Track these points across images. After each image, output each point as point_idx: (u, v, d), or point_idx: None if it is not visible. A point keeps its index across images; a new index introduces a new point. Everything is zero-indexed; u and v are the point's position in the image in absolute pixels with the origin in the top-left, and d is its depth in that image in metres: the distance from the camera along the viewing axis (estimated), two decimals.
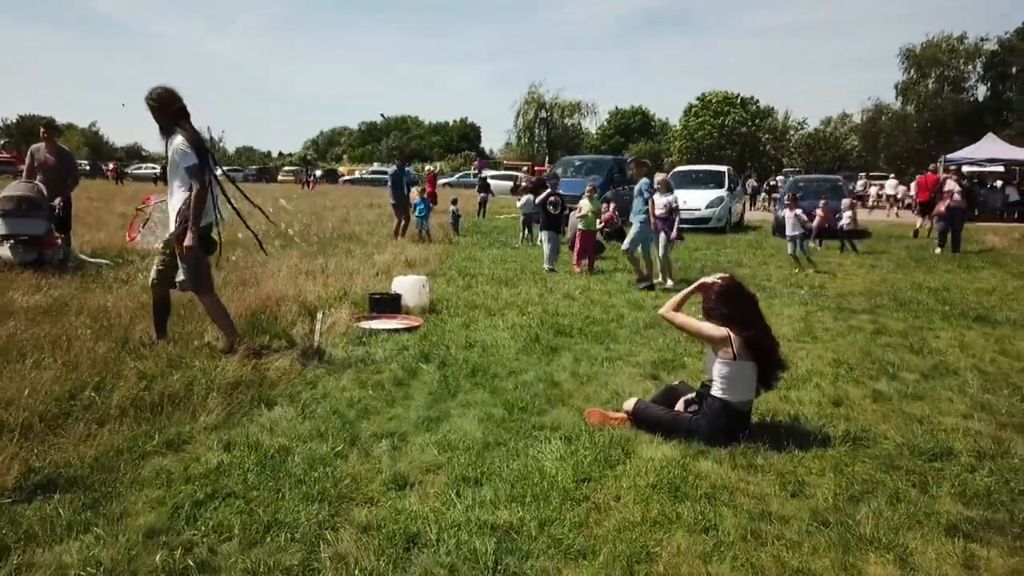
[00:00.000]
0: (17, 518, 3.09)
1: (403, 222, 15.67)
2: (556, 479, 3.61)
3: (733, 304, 4.35)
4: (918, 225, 19.36)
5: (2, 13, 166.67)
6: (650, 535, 3.11)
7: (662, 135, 79.19)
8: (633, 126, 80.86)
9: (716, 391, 4.22)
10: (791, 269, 12.00)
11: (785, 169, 51.90)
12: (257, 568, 2.79)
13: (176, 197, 5.51)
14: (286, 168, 73.41)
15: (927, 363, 5.99)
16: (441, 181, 44.00)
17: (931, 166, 24.93)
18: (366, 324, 7.06)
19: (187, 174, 5.40)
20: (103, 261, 10.24)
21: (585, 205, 12.13)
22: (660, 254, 10.46)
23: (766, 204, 35.32)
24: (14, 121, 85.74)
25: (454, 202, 18.78)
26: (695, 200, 19.47)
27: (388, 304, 7.70)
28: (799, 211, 12.59)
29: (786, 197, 14.11)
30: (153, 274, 5.72)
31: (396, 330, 6.89)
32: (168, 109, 5.47)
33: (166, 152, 5.54)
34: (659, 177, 11.10)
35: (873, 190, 37.88)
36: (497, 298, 8.66)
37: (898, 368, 5.81)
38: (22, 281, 7.88)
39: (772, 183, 37.40)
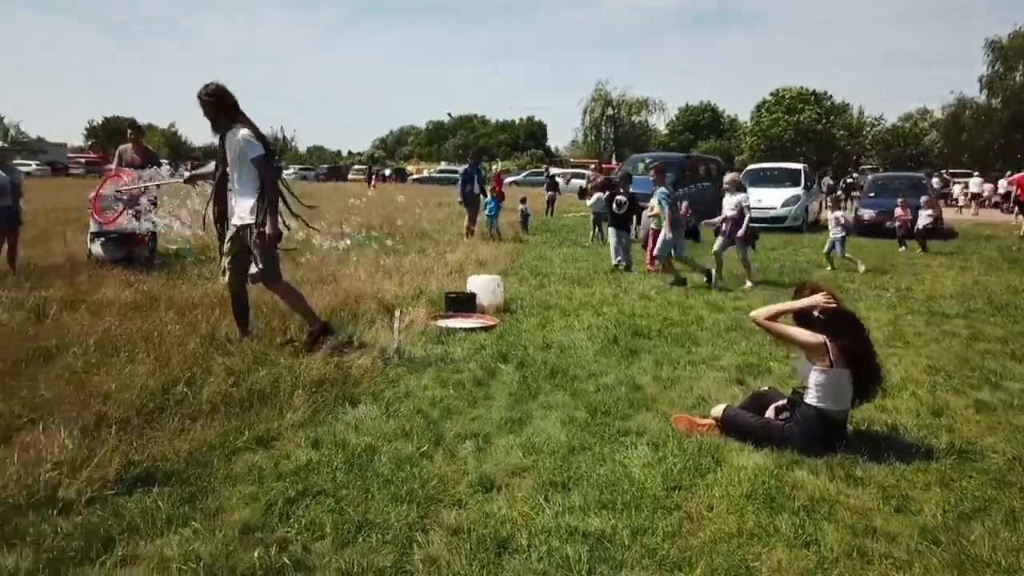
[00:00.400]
0: (120, 510, 3.17)
1: (473, 220, 15.75)
2: (646, 486, 3.53)
3: (830, 311, 4.18)
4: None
5: (88, 23, 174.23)
6: (748, 548, 3.00)
7: (732, 132, 77.72)
8: (702, 123, 79.59)
9: (811, 399, 4.07)
10: (825, 268, 12.07)
11: (862, 166, 50.26)
12: (351, 568, 2.80)
13: (244, 190, 5.59)
14: (356, 167, 74.72)
15: None
16: (507, 179, 44.12)
17: None
18: (443, 323, 7.08)
19: (255, 165, 5.50)
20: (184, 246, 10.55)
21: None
22: (739, 256, 10.24)
23: (843, 202, 34.17)
24: (100, 123, 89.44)
25: (523, 201, 18.76)
26: (770, 198, 19.02)
27: (463, 303, 7.71)
28: (839, 214, 12.51)
29: (829, 199, 13.79)
30: (226, 274, 5.77)
31: (472, 329, 6.89)
32: (225, 105, 5.59)
33: (221, 148, 5.66)
34: (729, 177, 10.90)
35: (957, 188, 36.33)
36: (571, 298, 8.59)
37: (1001, 377, 5.51)
38: (113, 277, 8.19)
39: (848, 181, 36.23)
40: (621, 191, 12.16)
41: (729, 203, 10.29)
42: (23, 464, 3.37)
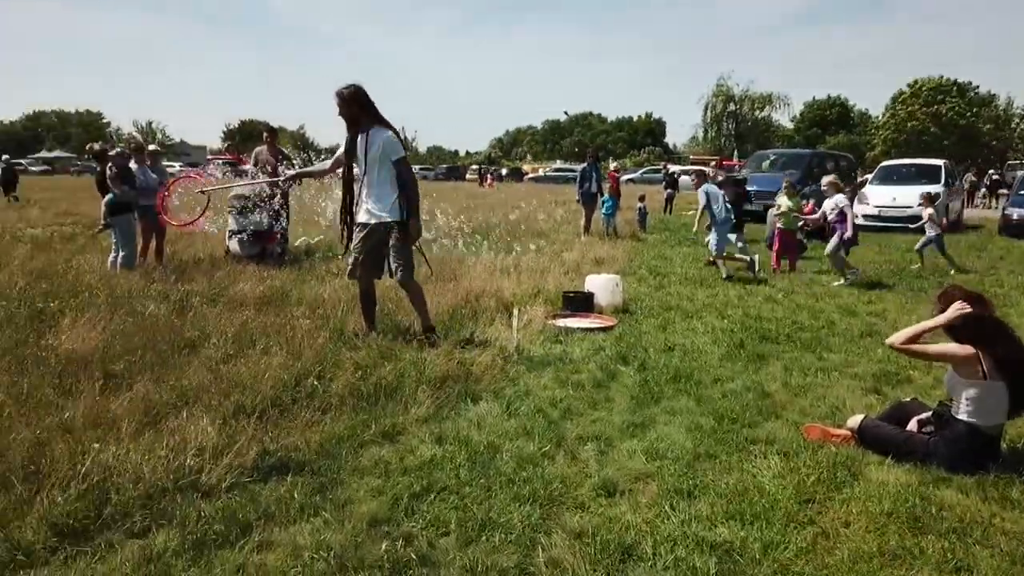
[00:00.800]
0: (256, 497, 3.31)
1: (589, 219, 15.67)
2: (776, 498, 3.37)
3: (980, 319, 3.87)
4: None
5: (218, 29, 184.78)
6: (890, 571, 2.82)
7: (862, 127, 73.94)
8: (830, 118, 76.18)
9: (962, 413, 3.77)
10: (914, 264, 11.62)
11: (1009, 162, 46.62)
12: (475, 567, 2.81)
13: (382, 189, 5.75)
14: (473, 167, 75.93)
15: None
16: (624, 177, 43.63)
17: None
18: (561, 322, 7.05)
19: (398, 166, 5.71)
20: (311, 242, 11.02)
21: (784, 202, 11.42)
22: (828, 251, 10.13)
23: (986, 201, 31.93)
24: (236, 125, 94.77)
25: (641, 199, 18.49)
26: (906, 197, 17.91)
27: (581, 302, 7.66)
28: (932, 211, 11.95)
29: (920, 196, 12.94)
30: (355, 269, 5.92)
31: (591, 329, 6.83)
32: (368, 105, 5.75)
33: (353, 146, 5.79)
34: (827, 179, 10.81)
35: None
36: (693, 299, 8.38)
37: None
38: (248, 273, 8.61)
39: (995, 178, 33.73)
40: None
41: (827, 205, 10.31)
42: (170, 449, 3.57)
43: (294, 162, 10.57)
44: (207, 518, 3.07)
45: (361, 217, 5.84)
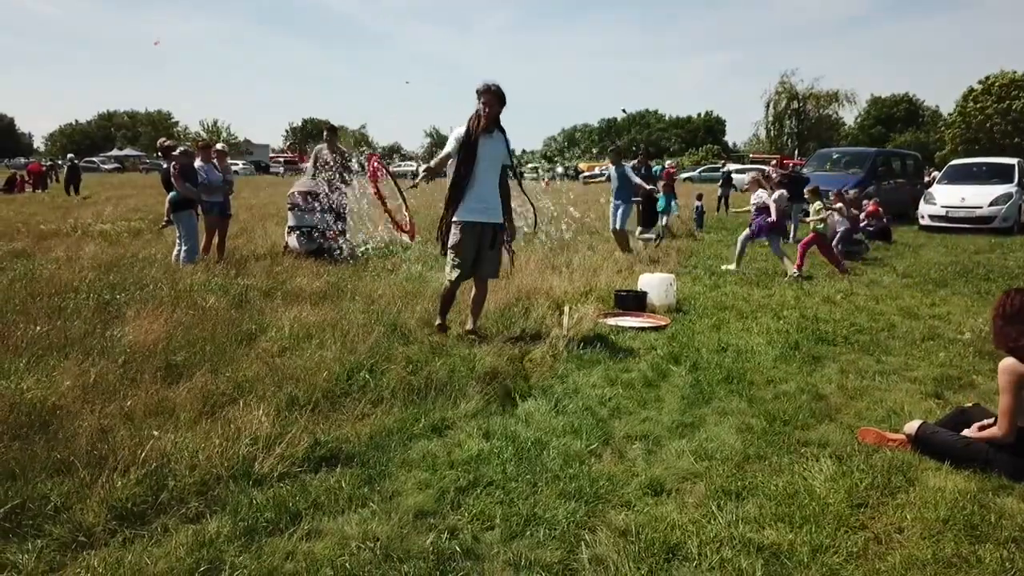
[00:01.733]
0: (306, 486, 3.38)
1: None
2: (827, 502, 3.30)
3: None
4: None
5: (284, 28, 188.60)
6: None
7: (931, 125, 71.64)
8: (897, 115, 74.02)
9: (1022, 419, 3.64)
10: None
11: None
12: (519, 561, 2.82)
13: (498, 191, 5.99)
14: (530, 166, 75.99)
15: None
16: (682, 176, 43.09)
17: None
18: (612, 321, 7.02)
19: (505, 171, 6.03)
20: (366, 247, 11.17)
21: (813, 208, 11.19)
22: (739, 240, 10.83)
23: None
24: (299, 125, 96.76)
25: (699, 197, 18.26)
26: (976, 197, 17.32)
27: (633, 301, 7.61)
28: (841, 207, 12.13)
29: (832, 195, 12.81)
30: (468, 268, 5.94)
31: (643, 328, 6.78)
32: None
33: (475, 147, 5.76)
34: (751, 176, 11.49)
35: None
36: (748, 300, 8.24)
37: None
38: (305, 269, 8.80)
39: None
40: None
41: (752, 200, 10.84)
42: (225, 437, 3.67)
43: (354, 157, 10.74)
44: (258, 506, 3.16)
45: (473, 216, 5.84)
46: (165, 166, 9.58)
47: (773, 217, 10.33)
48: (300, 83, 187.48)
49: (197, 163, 9.61)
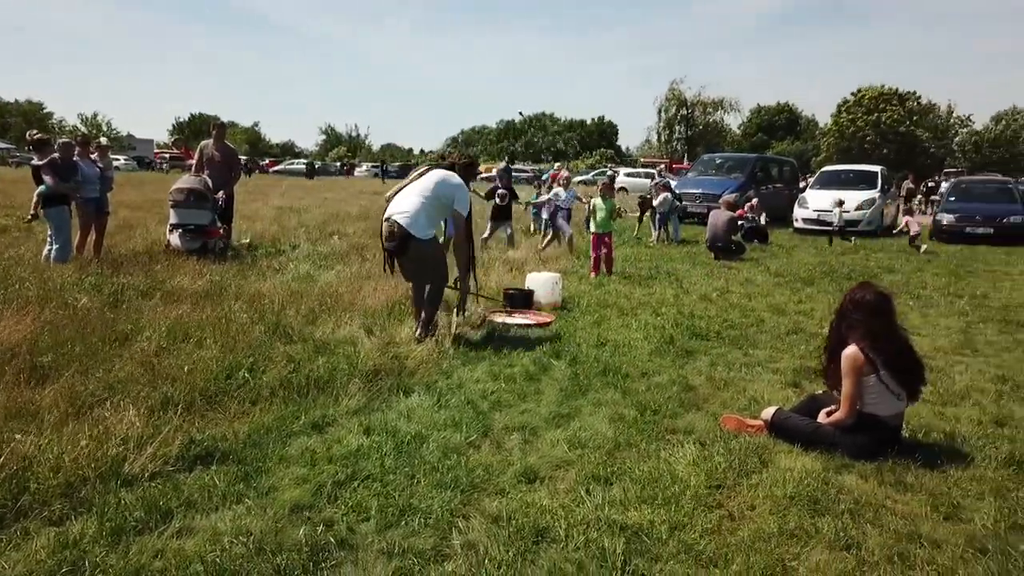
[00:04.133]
0: (179, 485, 3.35)
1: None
2: (688, 484, 3.52)
3: (870, 317, 4.07)
4: None
5: (174, 16, 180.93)
6: (787, 548, 2.98)
7: (809, 133, 75.75)
8: (778, 124, 77.85)
9: (861, 404, 3.99)
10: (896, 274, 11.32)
11: (946, 170, 48.26)
12: (392, 549, 2.90)
13: None
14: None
15: None
16: (576, 179, 43.91)
17: None
18: (500, 318, 7.16)
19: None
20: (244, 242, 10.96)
21: (597, 204, 10.60)
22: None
23: (923, 207, 33.04)
24: (186, 119, 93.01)
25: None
26: (845, 202, 18.44)
27: (521, 300, 7.78)
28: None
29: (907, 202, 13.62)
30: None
31: (528, 325, 6.95)
32: None
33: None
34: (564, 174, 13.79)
35: None
36: (630, 297, 8.56)
37: None
38: (188, 267, 8.54)
39: (930, 184, 34.91)
40: (501, 186, 12.56)
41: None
42: (93, 439, 3.57)
43: (241, 158, 10.51)
44: (127, 506, 3.11)
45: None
46: (35, 161, 9.10)
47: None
48: (191, 77, 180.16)
49: (75, 157, 9.18)
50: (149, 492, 3.25)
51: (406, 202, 6.01)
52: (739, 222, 13.96)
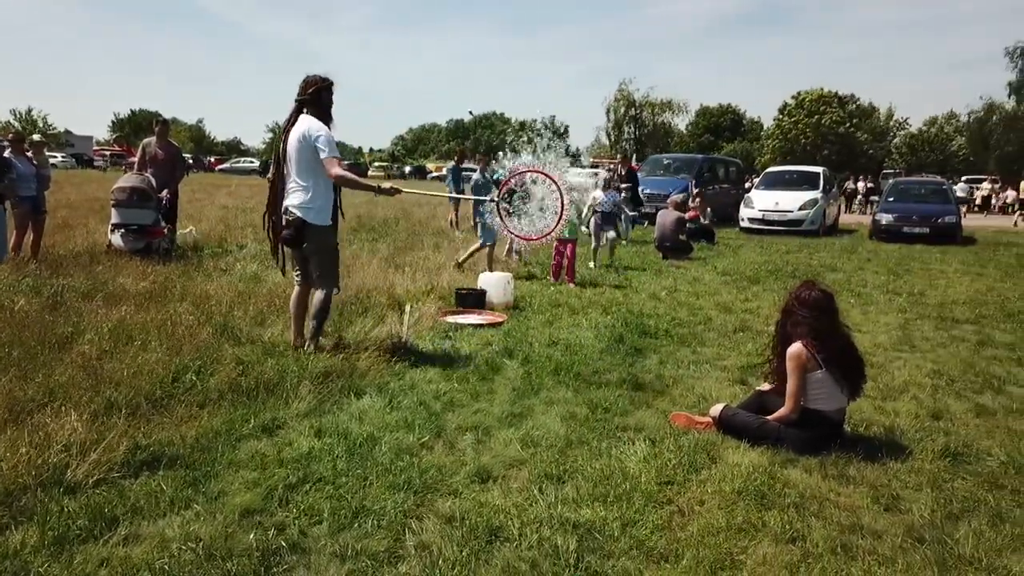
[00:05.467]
0: (125, 491, 3.27)
1: (456, 214, 16.78)
2: (639, 481, 3.58)
3: (815, 315, 4.19)
4: None
5: (117, 11, 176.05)
6: (735, 542, 3.05)
7: (754, 134, 77.29)
8: (724, 125, 79.23)
9: (805, 400, 4.11)
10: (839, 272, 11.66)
11: (884, 171, 49.76)
12: (345, 552, 2.88)
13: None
14: (376, 164, 75.20)
15: None
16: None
17: None
18: (452, 319, 7.16)
19: None
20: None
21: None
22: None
23: (863, 207, 34.05)
24: (126, 116, 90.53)
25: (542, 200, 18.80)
26: (787, 202, 18.94)
27: (473, 300, 7.80)
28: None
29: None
30: None
31: (481, 325, 6.97)
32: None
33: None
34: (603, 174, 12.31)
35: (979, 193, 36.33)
36: (580, 297, 8.64)
37: (1004, 382, 5.51)
38: (131, 268, 8.34)
39: (869, 185, 35.99)
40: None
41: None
42: (33, 445, 3.47)
43: (185, 156, 10.29)
44: (71, 513, 3.02)
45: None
46: None
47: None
48: (132, 72, 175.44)
49: (7, 154, 8.88)
50: (93, 499, 3.17)
51: (290, 184, 5.35)
52: (688, 224, 14.14)
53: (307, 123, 5.22)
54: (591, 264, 11.46)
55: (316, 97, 5.31)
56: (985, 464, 3.93)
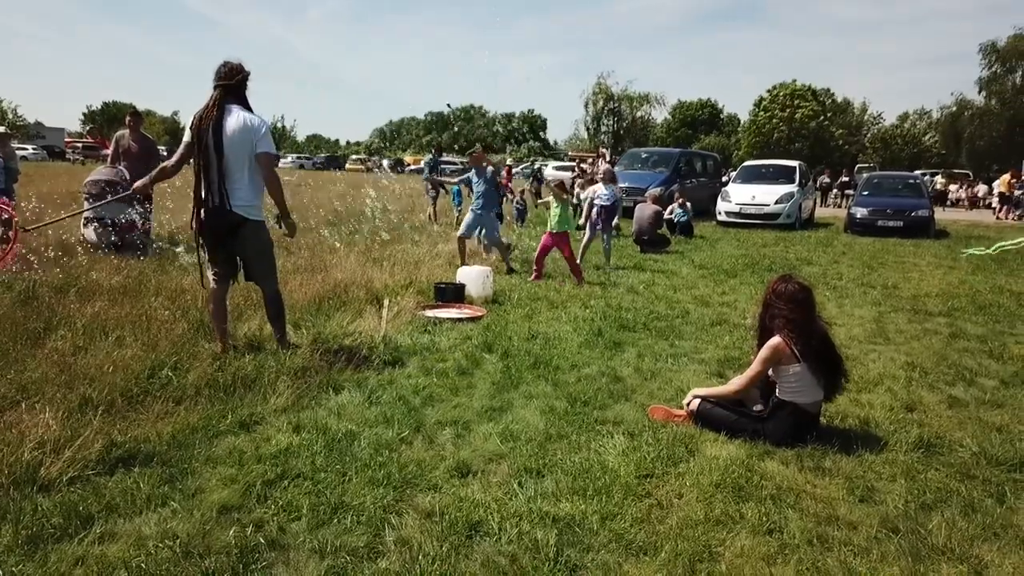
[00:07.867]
0: (100, 489, 3.24)
1: (434, 207, 17.10)
2: (618, 474, 3.60)
3: (791, 307, 4.23)
4: None
5: (88, 4, 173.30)
6: (713, 534, 3.08)
7: (730, 128, 77.72)
8: (701, 119, 79.60)
9: (782, 393, 4.15)
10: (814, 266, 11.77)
11: (859, 165, 50.25)
12: (324, 548, 2.87)
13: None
14: (354, 156, 74.80)
15: (1008, 370, 5.75)
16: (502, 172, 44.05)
17: None
18: (431, 313, 7.14)
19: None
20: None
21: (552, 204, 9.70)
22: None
23: (838, 201, 34.39)
24: (99, 108, 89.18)
25: (521, 193, 18.80)
26: (764, 196, 19.07)
27: (452, 294, 7.79)
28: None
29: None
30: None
31: (460, 319, 6.96)
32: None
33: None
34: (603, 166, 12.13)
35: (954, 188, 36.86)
36: (560, 291, 8.64)
37: (976, 374, 5.60)
38: (104, 262, 8.23)
39: (844, 179, 36.35)
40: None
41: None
42: (6, 443, 3.42)
43: (159, 148, 10.16)
44: (44, 512, 2.99)
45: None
46: None
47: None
48: (105, 64, 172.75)
49: None
50: (68, 497, 3.13)
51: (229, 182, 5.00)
52: (666, 216, 14.21)
53: (245, 115, 4.98)
54: (608, 265, 10.87)
55: (242, 85, 5.09)
56: (957, 455, 3.99)
